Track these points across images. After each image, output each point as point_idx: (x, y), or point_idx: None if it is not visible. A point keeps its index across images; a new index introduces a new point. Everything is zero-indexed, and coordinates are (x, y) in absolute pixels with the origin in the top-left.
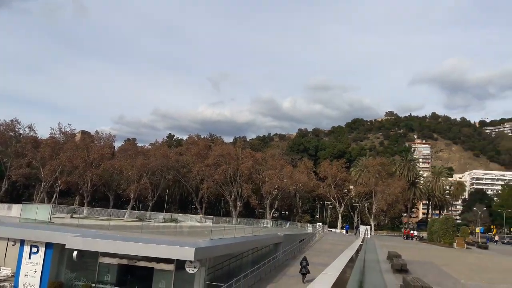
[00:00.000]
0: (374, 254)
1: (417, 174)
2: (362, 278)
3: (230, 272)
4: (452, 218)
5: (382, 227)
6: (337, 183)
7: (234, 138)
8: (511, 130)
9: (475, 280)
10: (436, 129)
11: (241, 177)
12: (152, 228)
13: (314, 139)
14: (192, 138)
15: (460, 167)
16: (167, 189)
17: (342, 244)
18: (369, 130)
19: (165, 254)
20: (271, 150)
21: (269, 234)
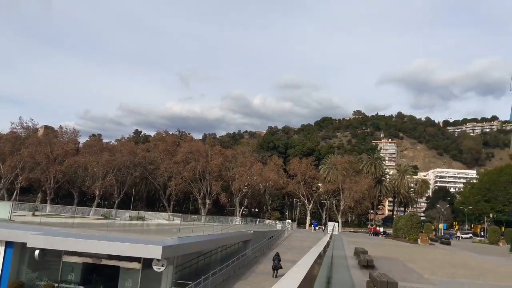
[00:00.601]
0: (342, 251)
1: (383, 172)
2: (330, 274)
3: (199, 270)
4: (417, 215)
5: (349, 224)
6: (306, 180)
7: (204, 135)
8: (472, 130)
9: (438, 275)
10: (402, 128)
11: (210, 175)
12: (118, 226)
13: (284, 137)
14: (160, 134)
15: (424, 165)
16: (133, 186)
17: (310, 241)
18: (337, 128)
19: (132, 252)
20: (241, 147)
21: (239, 231)
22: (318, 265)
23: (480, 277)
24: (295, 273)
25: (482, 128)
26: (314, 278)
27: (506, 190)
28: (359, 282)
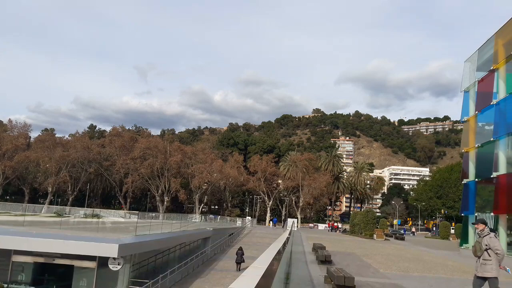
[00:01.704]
0: (300, 246)
1: (341, 169)
2: (289, 270)
3: (157, 268)
4: (373, 211)
5: (308, 220)
6: (266, 177)
7: (162, 131)
8: (426, 130)
9: (393, 269)
10: (359, 127)
11: (169, 171)
12: (72, 224)
13: (245, 134)
14: (116, 129)
15: (380, 163)
16: (88, 183)
17: (270, 237)
18: (297, 126)
19: (87, 251)
20: (201, 143)
21: (198, 229)
22: (277, 261)
23: (431, 270)
24: (254, 269)
25: (435, 128)
26: (273, 274)
27: (456, 187)
28: (317, 277)
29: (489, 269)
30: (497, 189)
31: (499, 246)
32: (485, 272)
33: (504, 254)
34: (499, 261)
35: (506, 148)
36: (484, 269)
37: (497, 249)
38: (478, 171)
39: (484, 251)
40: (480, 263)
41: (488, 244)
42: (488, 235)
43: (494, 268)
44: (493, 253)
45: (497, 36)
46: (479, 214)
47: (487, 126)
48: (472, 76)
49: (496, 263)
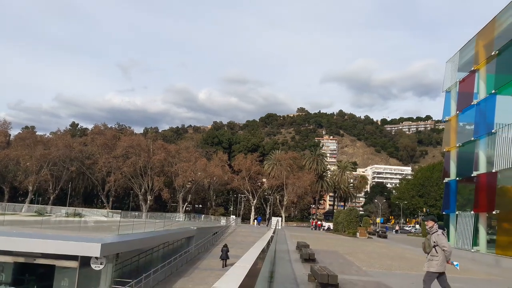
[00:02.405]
0: (285, 245)
1: (324, 168)
2: (273, 269)
3: (140, 267)
4: (356, 209)
5: (292, 218)
6: (251, 176)
7: (145, 129)
8: (408, 129)
9: (375, 267)
10: (343, 126)
11: (152, 170)
12: (54, 223)
13: (229, 133)
14: (98, 127)
15: (363, 162)
16: (70, 182)
17: (254, 236)
18: (282, 125)
19: (68, 250)
20: (185, 142)
21: (181, 228)
22: (261, 260)
23: (413, 268)
24: (238, 268)
25: (417, 127)
26: (257, 273)
27: (438, 186)
28: (301, 275)
29: (434, 265)
30: (477, 188)
31: (445, 243)
32: (431, 267)
33: (451, 250)
34: (447, 257)
35: (486, 148)
36: (430, 265)
37: (444, 246)
38: (459, 170)
39: (433, 247)
40: (428, 259)
41: (436, 241)
42: (436, 232)
43: (440, 263)
44: (440, 249)
45: (478, 37)
46: (460, 213)
47: (468, 126)
48: (453, 76)
49: (443, 259)
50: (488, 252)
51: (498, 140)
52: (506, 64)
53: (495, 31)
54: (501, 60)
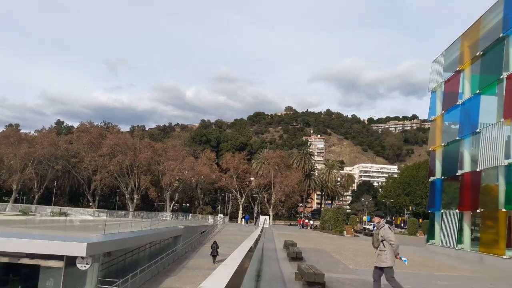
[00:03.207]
0: (272, 243)
1: (312, 166)
2: (260, 267)
3: (126, 267)
4: (343, 208)
5: (280, 217)
6: (238, 174)
7: (132, 127)
8: (394, 128)
9: (362, 265)
10: (330, 125)
11: (139, 168)
12: (39, 222)
13: (217, 131)
14: (84, 125)
15: (350, 160)
16: (55, 180)
17: (242, 235)
18: (269, 123)
19: (54, 250)
20: (172, 140)
21: (168, 227)
22: (248, 259)
23: (399, 266)
24: (225, 267)
25: (403, 126)
26: (244, 272)
27: (423, 185)
28: (288, 274)
29: (383, 259)
30: (461, 187)
31: (392, 237)
32: (381, 262)
33: (398, 244)
34: (394, 251)
35: (471, 147)
36: (380, 259)
37: (390, 240)
38: (444, 169)
39: (380, 242)
40: (377, 254)
41: (383, 235)
42: (383, 227)
43: (389, 258)
44: (388, 244)
45: (463, 38)
46: (445, 211)
47: (453, 125)
48: (439, 76)
49: (390, 253)
50: (472, 249)
51: (482, 140)
52: (490, 65)
53: (479, 32)
54: (486, 60)
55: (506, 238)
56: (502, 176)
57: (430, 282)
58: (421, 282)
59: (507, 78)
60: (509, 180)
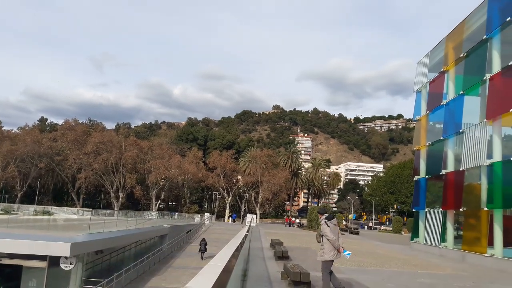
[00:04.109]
0: (259, 242)
1: (299, 165)
2: (246, 267)
3: (111, 266)
4: (329, 206)
5: (267, 215)
6: (226, 173)
7: (117, 125)
8: (380, 127)
9: (347, 264)
10: (317, 124)
11: (124, 167)
12: (21, 221)
13: (204, 129)
14: (68, 122)
15: (336, 159)
16: (39, 179)
17: (228, 234)
18: (257, 122)
19: (37, 250)
20: (158, 138)
21: (154, 226)
22: (235, 258)
23: (384, 264)
24: (212, 267)
25: (389, 125)
26: (230, 272)
27: (408, 183)
28: (274, 273)
29: (322, 253)
30: (445, 186)
31: (327, 232)
32: (321, 256)
33: (334, 239)
34: (333, 246)
35: (454, 147)
36: (321, 254)
37: (326, 235)
38: (428, 168)
39: (321, 237)
40: (320, 249)
41: (322, 231)
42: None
43: (326, 252)
44: (326, 239)
45: (448, 40)
46: (429, 210)
47: (437, 125)
48: (424, 77)
49: (328, 248)
50: (455, 248)
51: (465, 140)
52: (473, 66)
53: (463, 34)
54: (469, 62)
55: (488, 236)
56: (485, 176)
57: (414, 281)
58: (405, 280)
59: (490, 80)
60: (491, 179)
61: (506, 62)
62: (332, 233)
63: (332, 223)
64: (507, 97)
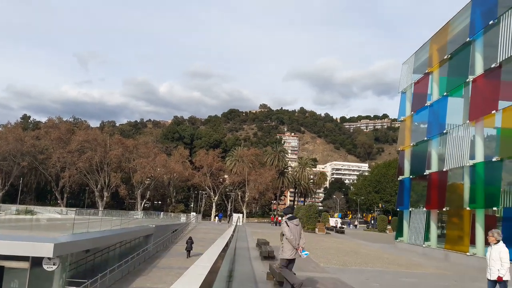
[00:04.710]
0: (245, 242)
1: (286, 164)
2: (232, 267)
3: (95, 267)
4: (315, 205)
5: (253, 214)
6: (212, 172)
7: (102, 123)
8: (366, 126)
9: (332, 263)
10: (304, 123)
11: (109, 165)
12: (3, 221)
13: (190, 128)
14: (52, 120)
15: (323, 158)
16: (21, 177)
17: (214, 233)
18: (244, 121)
19: (19, 251)
20: (143, 137)
21: (139, 226)
22: (221, 259)
23: (368, 263)
24: (197, 268)
25: (374, 125)
26: (216, 272)
27: (393, 182)
28: (260, 273)
29: (282, 251)
30: (429, 186)
31: (285, 231)
32: (281, 254)
33: (291, 237)
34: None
35: (438, 147)
36: (281, 252)
37: (284, 233)
38: (412, 168)
39: (282, 236)
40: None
41: (282, 230)
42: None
43: (285, 251)
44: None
45: (432, 42)
46: (413, 209)
47: (421, 125)
48: (409, 78)
49: (286, 246)
50: (438, 247)
51: (449, 141)
52: (457, 68)
53: (447, 36)
54: (453, 63)
55: (470, 235)
56: (467, 176)
57: (398, 280)
58: (388, 279)
59: (473, 82)
60: (474, 180)
61: (489, 65)
62: (291, 233)
63: (292, 223)
64: (489, 99)
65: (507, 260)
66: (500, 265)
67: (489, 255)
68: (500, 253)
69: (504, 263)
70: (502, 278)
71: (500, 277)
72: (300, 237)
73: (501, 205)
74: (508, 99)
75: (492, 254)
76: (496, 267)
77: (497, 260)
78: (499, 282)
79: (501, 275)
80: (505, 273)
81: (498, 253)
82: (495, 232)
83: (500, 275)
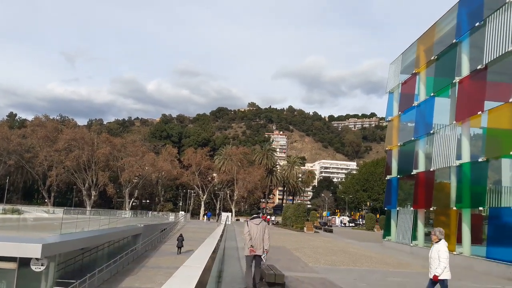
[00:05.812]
0: (234, 242)
1: (274, 163)
2: (221, 268)
3: (84, 267)
4: (304, 204)
5: (242, 213)
6: (201, 171)
7: (89, 121)
8: (354, 125)
9: (321, 262)
10: (292, 122)
11: (96, 164)
12: None
13: (179, 126)
14: (38, 119)
15: (311, 157)
16: (7, 176)
17: (203, 232)
18: (232, 119)
19: (5, 251)
20: (131, 135)
21: (127, 225)
22: (211, 259)
23: (357, 263)
24: (187, 268)
25: (362, 124)
26: (206, 273)
27: (381, 181)
28: None
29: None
30: (416, 186)
31: (245, 232)
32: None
33: (248, 237)
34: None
35: (425, 147)
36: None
37: (244, 233)
38: (400, 168)
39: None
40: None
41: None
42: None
43: (245, 248)
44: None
45: (419, 42)
46: (401, 209)
47: (409, 125)
48: (396, 78)
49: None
50: (425, 246)
51: (436, 141)
52: (444, 69)
53: (434, 37)
54: (440, 64)
55: (456, 234)
56: (454, 176)
57: (385, 279)
58: (376, 279)
59: (459, 82)
60: (460, 180)
61: (475, 66)
62: (249, 232)
63: (253, 223)
64: (476, 99)
65: (445, 259)
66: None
67: (430, 253)
68: (439, 251)
69: (441, 262)
70: (437, 277)
71: (435, 276)
72: (264, 236)
73: (487, 204)
74: (494, 100)
75: (432, 252)
76: (434, 266)
77: (436, 259)
78: (434, 281)
79: (436, 273)
80: (441, 272)
81: (437, 252)
82: (437, 231)
83: (436, 274)
